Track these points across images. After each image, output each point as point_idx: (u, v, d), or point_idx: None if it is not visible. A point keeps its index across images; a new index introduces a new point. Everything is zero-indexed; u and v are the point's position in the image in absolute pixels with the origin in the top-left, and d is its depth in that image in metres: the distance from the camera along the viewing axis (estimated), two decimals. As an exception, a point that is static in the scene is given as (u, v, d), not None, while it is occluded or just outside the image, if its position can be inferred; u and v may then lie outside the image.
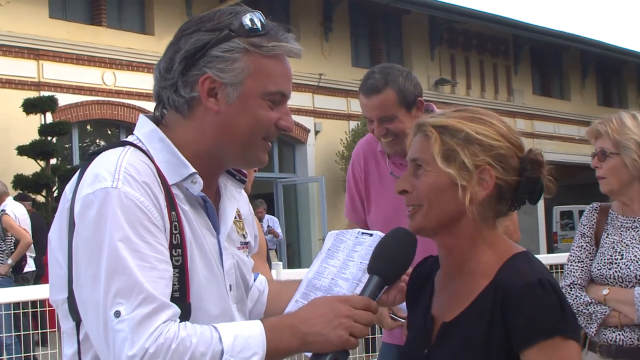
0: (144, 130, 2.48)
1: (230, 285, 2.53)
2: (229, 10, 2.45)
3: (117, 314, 2.17)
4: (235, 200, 2.62)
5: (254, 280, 2.87)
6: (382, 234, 2.68)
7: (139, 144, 2.42)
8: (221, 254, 2.51)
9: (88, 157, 2.39)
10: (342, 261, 2.70)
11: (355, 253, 2.71)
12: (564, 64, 35.68)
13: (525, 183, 2.54)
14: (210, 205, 2.49)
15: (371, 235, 2.71)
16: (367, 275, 2.56)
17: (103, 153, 2.38)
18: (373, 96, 4.43)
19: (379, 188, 4.68)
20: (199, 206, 2.47)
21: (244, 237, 2.68)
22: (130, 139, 2.47)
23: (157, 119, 2.50)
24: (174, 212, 2.35)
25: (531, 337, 2.38)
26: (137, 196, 2.26)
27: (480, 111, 2.62)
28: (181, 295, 2.30)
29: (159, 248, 2.26)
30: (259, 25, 2.42)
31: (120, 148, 2.38)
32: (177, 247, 2.33)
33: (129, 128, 21.19)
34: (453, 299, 2.58)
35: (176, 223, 2.34)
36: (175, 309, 2.24)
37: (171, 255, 2.30)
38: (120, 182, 2.26)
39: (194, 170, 2.41)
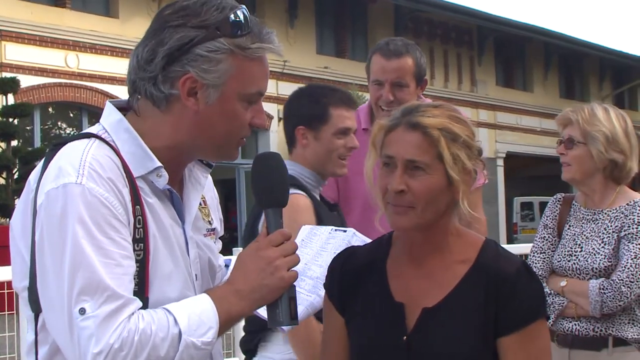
0: (110, 119, 2.43)
1: (196, 275, 2.51)
2: (215, 5, 2.38)
3: (82, 311, 2.16)
4: (201, 187, 2.58)
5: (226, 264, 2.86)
6: (355, 231, 2.68)
7: (104, 135, 2.38)
8: (187, 244, 2.49)
9: (52, 148, 2.36)
10: (315, 250, 2.72)
11: (328, 245, 2.72)
12: (527, 56, 35.87)
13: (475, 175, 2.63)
14: (176, 195, 2.47)
15: (345, 231, 2.72)
16: None
17: (67, 144, 2.34)
18: (394, 59, 4.49)
19: (360, 167, 4.63)
20: (165, 197, 2.45)
21: (210, 223, 2.65)
22: (95, 128, 2.42)
23: (129, 106, 2.45)
24: (138, 206, 2.32)
25: (521, 322, 2.52)
26: (101, 192, 2.23)
27: (455, 108, 2.67)
28: (140, 289, 2.28)
29: (123, 244, 2.24)
30: (244, 23, 2.38)
31: (85, 140, 2.33)
32: (140, 242, 2.30)
33: (91, 111, 21.10)
34: (427, 286, 2.60)
35: (140, 217, 2.32)
36: (138, 303, 2.23)
37: (133, 250, 2.28)
38: (84, 177, 2.22)
39: (159, 164, 2.38)
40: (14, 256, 2.39)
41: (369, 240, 2.85)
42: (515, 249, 10.38)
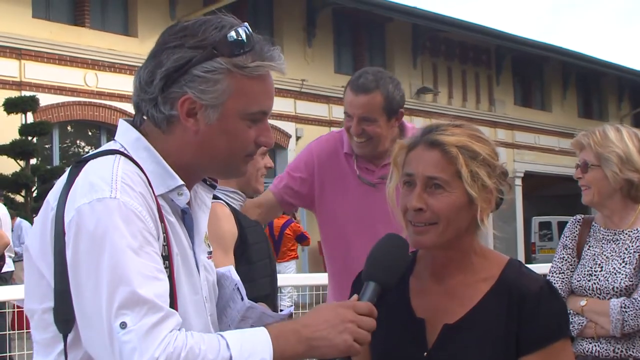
0: (128, 137, 2.42)
1: (205, 297, 2.52)
2: (214, 24, 2.37)
3: (123, 325, 2.13)
4: (207, 208, 2.59)
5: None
6: (251, 303, 2.64)
7: (127, 153, 2.37)
8: (197, 266, 2.49)
9: (76, 165, 2.34)
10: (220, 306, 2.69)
11: (229, 307, 2.68)
12: (545, 75, 35.79)
13: (500, 195, 2.64)
14: (189, 216, 2.47)
15: (242, 299, 2.67)
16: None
17: (92, 161, 2.33)
18: (361, 95, 4.48)
19: (340, 189, 4.68)
20: (179, 217, 2.45)
21: (209, 246, 2.65)
22: (114, 146, 2.41)
23: (136, 125, 2.45)
24: (162, 224, 2.32)
25: (543, 341, 2.52)
26: (135, 206, 2.23)
27: (476, 128, 2.69)
28: (170, 307, 2.24)
29: (157, 258, 2.24)
30: (244, 41, 2.36)
31: (112, 156, 2.33)
32: (166, 259, 2.30)
33: (110, 130, 21.13)
34: (449, 301, 2.63)
35: (164, 235, 2.31)
36: (179, 318, 2.22)
37: None
38: (118, 191, 2.22)
39: (181, 182, 2.38)
40: (29, 276, 2.37)
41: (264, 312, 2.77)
42: (534, 268, 10.32)
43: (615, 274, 4.21)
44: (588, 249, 4.36)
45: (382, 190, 4.71)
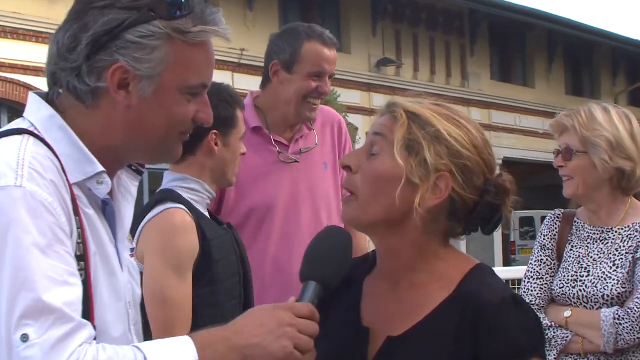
0: (40, 115, 2.38)
1: (129, 303, 2.51)
2: None
3: (25, 337, 2.08)
4: (132, 198, 2.58)
5: None
6: None
7: (37, 133, 2.33)
8: (122, 266, 2.48)
9: None
10: None
11: None
12: (528, 45, 35.94)
13: (484, 207, 2.60)
14: (110, 208, 2.45)
15: None
16: None
17: None
18: (334, 49, 4.69)
19: (258, 169, 4.71)
20: (99, 209, 2.42)
21: (131, 242, 2.64)
22: (22, 124, 2.37)
23: (50, 100, 2.41)
24: (77, 217, 2.28)
25: (504, 359, 2.47)
26: (45, 196, 2.19)
27: (460, 113, 2.66)
28: (84, 317, 2.21)
29: (69, 259, 2.20)
30: (184, 2, 2.34)
31: (18, 137, 2.29)
32: (80, 260, 2.26)
33: (12, 108, 20.98)
34: (398, 311, 2.61)
35: (79, 230, 2.28)
36: (91, 329, 2.19)
37: None
38: (24, 179, 2.19)
39: (101, 168, 2.35)
40: None
41: None
42: (513, 272, 10.32)
43: (605, 279, 4.20)
44: (571, 250, 4.35)
45: (309, 167, 4.75)
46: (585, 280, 4.25)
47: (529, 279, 4.40)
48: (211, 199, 4.06)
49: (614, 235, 4.29)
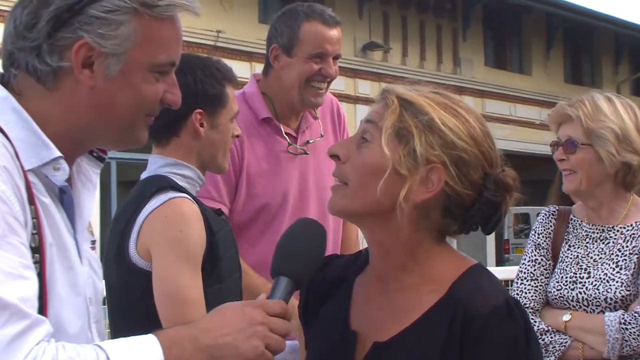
0: None
1: (90, 299, 2.51)
2: None
3: None
4: (92, 186, 2.59)
5: None
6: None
7: None
8: (81, 259, 2.48)
9: None
10: None
11: None
12: (524, 30, 36.21)
13: (482, 205, 2.59)
14: (68, 196, 2.45)
15: None
16: None
17: None
18: (336, 28, 4.74)
19: (269, 163, 4.75)
20: (56, 198, 2.42)
21: (92, 234, 2.69)
22: None
23: (5, 82, 2.42)
24: (32, 206, 2.28)
25: None
26: None
27: (460, 102, 2.66)
28: (39, 312, 2.21)
29: (23, 251, 2.20)
30: None
31: None
32: (35, 252, 2.26)
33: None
34: (387, 315, 2.63)
35: (35, 220, 2.28)
36: (49, 326, 2.19)
37: None
38: None
39: (58, 153, 2.35)
40: None
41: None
42: (507, 272, 10.36)
43: (608, 281, 4.20)
44: (568, 250, 4.37)
45: (316, 159, 4.80)
46: (585, 282, 4.25)
47: (522, 280, 4.40)
48: (201, 185, 3.98)
49: (616, 235, 4.30)
